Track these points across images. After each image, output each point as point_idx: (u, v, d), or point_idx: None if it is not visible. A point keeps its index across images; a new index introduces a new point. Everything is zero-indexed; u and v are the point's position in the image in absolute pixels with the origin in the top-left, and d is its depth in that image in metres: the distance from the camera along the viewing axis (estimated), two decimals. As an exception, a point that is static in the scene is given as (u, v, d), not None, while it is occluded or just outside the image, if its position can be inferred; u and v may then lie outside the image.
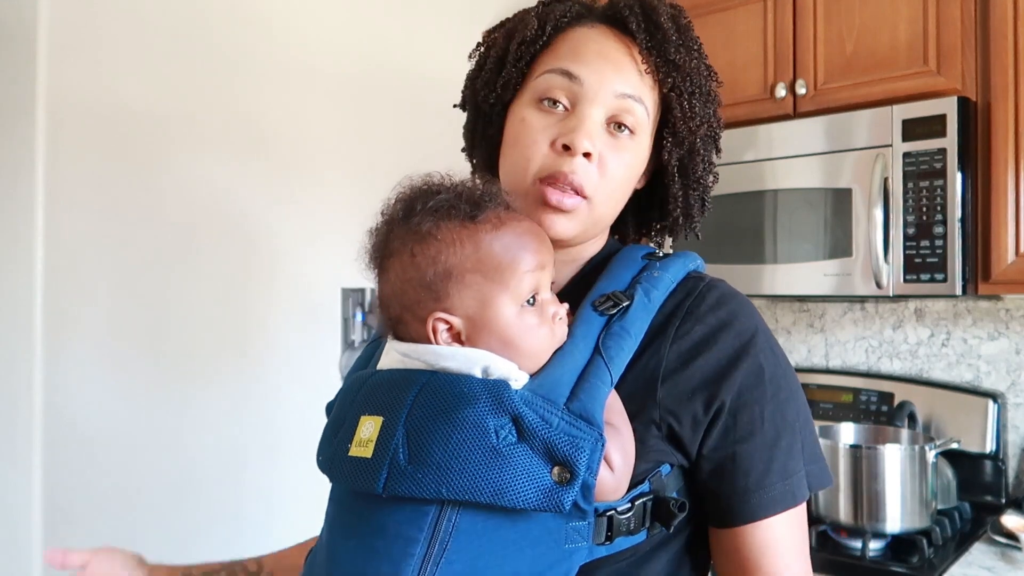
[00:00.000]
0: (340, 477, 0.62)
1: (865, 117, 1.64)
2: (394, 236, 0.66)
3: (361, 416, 0.61)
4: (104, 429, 1.56)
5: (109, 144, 1.57)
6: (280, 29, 1.85)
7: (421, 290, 0.63)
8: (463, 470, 0.56)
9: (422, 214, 0.64)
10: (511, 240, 0.64)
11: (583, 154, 0.68)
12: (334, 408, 0.68)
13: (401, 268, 0.64)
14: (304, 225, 1.87)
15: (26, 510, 1.48)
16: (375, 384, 0.63)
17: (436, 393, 0.59)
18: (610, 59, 0.70)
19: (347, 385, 0.68)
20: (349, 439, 0.61)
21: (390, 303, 0.66)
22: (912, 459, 1.48)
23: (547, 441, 0.57)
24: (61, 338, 1.51)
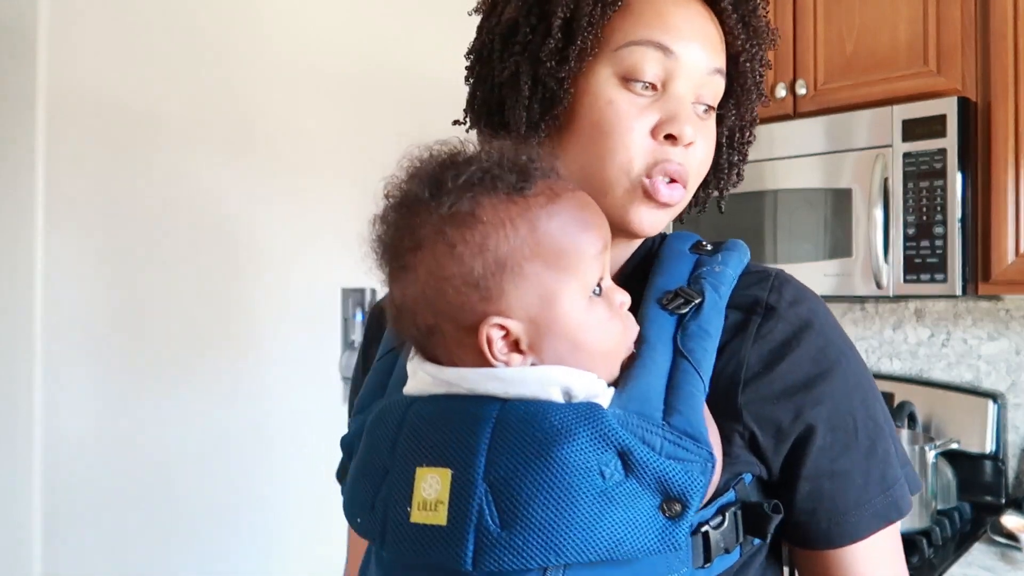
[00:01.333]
0: (402, 549, 0.48)
1: (865, 117, 1.64)
2: (419, 222, 0.51)
3: (416, 468, 0.49)
4: (104, 429, 1.56)
5: (109, 143, 1.57)
6: (280, 28, 1.85)
7: (466, 289, 0.50)
8: (572, 527, 0.45)
9: (457, 190, 0.50)
10: (572, 216, 0.52)
11: (686, 144, 0.61)
12: (362, 448, 0.54)
13: (435, 263, 0.50)
14: (304, 225, 1.87)
15: (26, 510, 1.47)
16: (422, 421, 0.51)
17: (517, 431, 0.47)
18: (699, 29, 0.62)
19: (376, 419, 0.54)
20: (406, 500, 0.48)
21: (418, 310, 0.52)
22: (912, 459, 1.48)
23: (658, 472, 0.48)
24: (61, 338, 1.50)
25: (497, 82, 0.64)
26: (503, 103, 0.65)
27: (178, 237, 1.67)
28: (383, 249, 0.54)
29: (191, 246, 1.69)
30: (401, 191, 0.54)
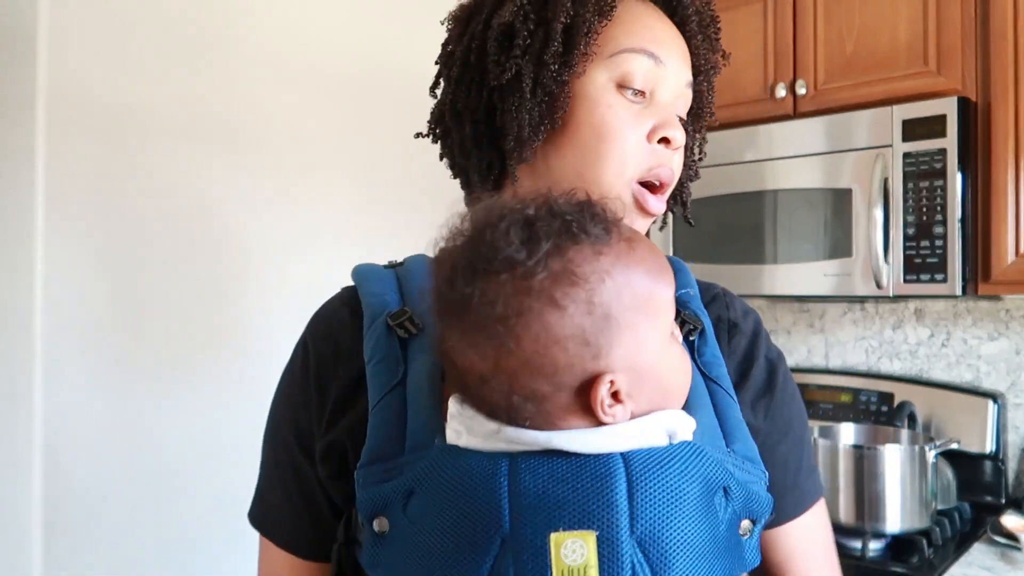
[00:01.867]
0: None
1: (865, 117, 1.64)
2: (516, 287, 0.47)
3: (551, 534, 0.44)
4: (104, 429, 1.56)
5: (109, 143, 1.57)
6: (280, 29, 1.85)
7: (577, 349, 0.47)
8: (714, 559, 0.47)
9: (549, 249, 0.47)
10: (651, 262, 0.51)
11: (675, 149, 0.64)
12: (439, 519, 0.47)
13: (542, 328, 0.47)
14: (304, 224, 1.87)
15: (26, 510, 1.47)
16: (542, 483, 0.46)
17: (659, 483, 0.46)
18: (678, 43, 0.66)
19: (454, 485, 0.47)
20: (543, 570, 0.44)
21: (517, 379, 0.48)
22: (912, 459, 1.48)
23: (745, 498, 0.51)
24: (61, 338, 1.51)
25: (493, 86, 0.64)
26: (493, 108, 0.66)
27: (178, 237, 1.67)
28: (466, 323, 0.48)
29: (191, 246, 1.69)
30: (479, 255, 0.48)
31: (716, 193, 1.84)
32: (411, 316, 0.59)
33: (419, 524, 0.48)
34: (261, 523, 0.67)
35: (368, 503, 0.50)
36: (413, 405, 0.54)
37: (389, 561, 0.49)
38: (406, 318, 0.59)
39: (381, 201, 1.97)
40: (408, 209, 1.89)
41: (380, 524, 0.50)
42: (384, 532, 0.50)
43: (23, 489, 1.48)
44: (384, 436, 0.53)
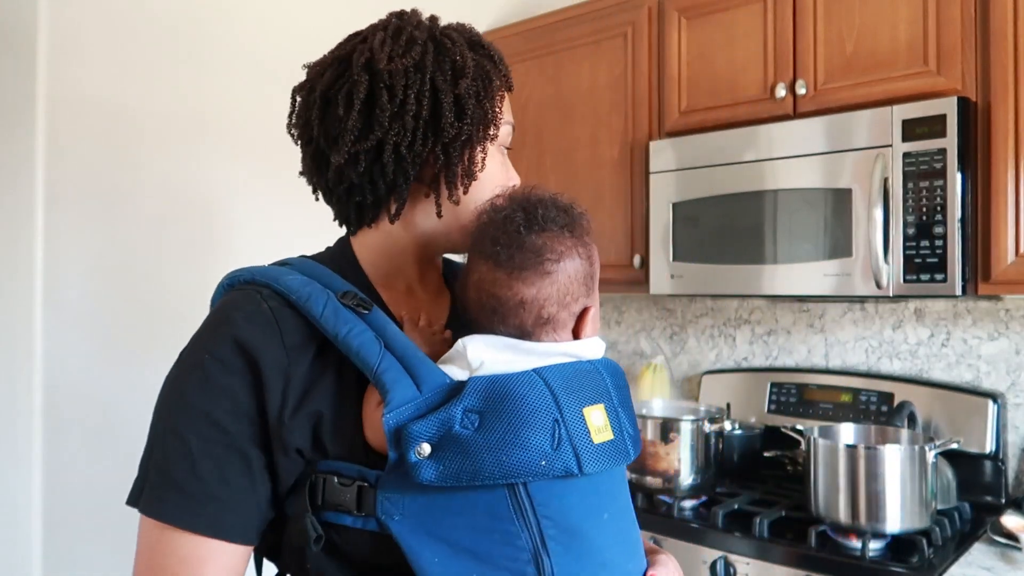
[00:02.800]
0: (597, 463, 0.68)
1: (865, 117, 1.64)
2: (560, 242, 0.73)
3: (583, 409, 0.69)
4: (105, 425, 1.56)
5: (108, 143, 1.57)
6: (280, 29, 1.85)
7: (582, 288, 0.74)
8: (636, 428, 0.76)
9: (581, 221, 0.75)
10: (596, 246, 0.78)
11: None
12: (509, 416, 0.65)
13: (572, 268, 0.73)
14: (303, 223, 1.87)
15: (26, 509, 1.47)
16: (566, 380, 0.70)
17: (619, 376, 0.76)
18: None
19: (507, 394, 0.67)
20: (585, 431, 0.68)
21: (548, 303, 0.72)
22: (912, 459, 1.48)
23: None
24: (61, 335, 1.51)
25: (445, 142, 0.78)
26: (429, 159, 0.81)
27: (178, 236, 1.67)
28: (526, 261, 0.71)
29: (191, 245, 1.69)
30: (545, 219, 0.73)
31: (716, 193, 1.84)
32: (356, 295, 0.72)
33: (485, 429, 0.65)
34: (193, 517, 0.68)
35: (418, 434, 0.64)
36: (412, 360, 0.68)
37: (451, 469, 0.64)
38: (354, 297, 0.72)
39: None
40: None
41: (425, 450, 0.64)
42: (429, 455, 0.64)
43: (23, 488, 1.48)
44: (404, 385, 0.67)
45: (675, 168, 1.92)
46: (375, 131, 0.74)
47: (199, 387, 0.70)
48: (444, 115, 0.75)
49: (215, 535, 0.68)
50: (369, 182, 0.76)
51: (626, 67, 2.08)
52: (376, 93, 0.74)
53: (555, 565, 0.65)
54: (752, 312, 2.23)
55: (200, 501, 0.68)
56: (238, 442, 0.69)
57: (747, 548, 1.55)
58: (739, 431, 2.00)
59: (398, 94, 0.74)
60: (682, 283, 1.91)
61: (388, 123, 0.74)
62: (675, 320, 2.39)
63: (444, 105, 0.75)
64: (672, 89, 1.99)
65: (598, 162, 2.14)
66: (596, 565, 0.69)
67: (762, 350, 2.21)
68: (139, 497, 0.71)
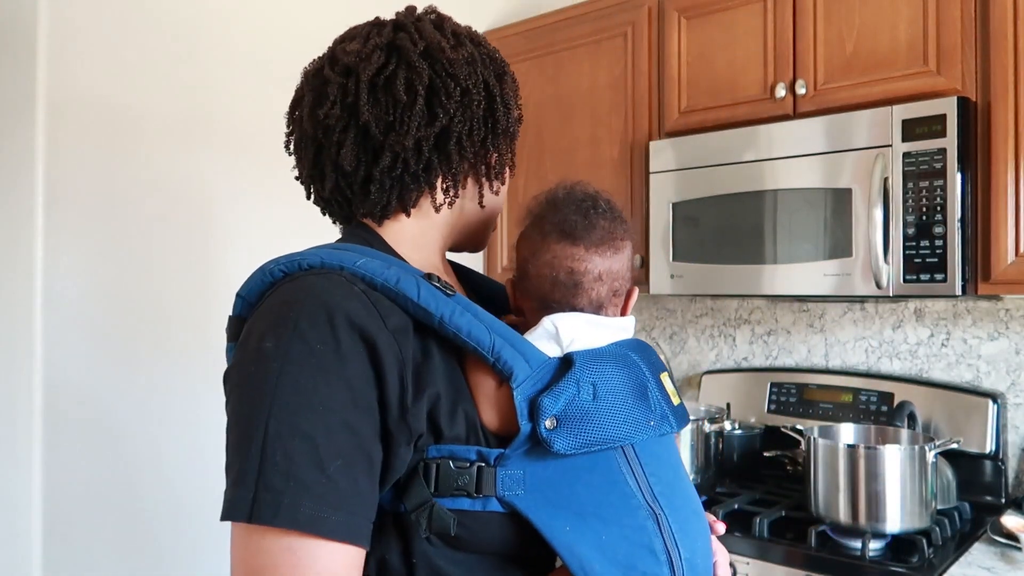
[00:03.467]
0: (679, 423, 0.77)
1: (865, 117, 1.64)
2: (619, 224, 0.81)
3: (660, 375, 0.78)
4: (104, 425, 1.56)
5: (108, 143, 1.57)
6: (279, 29, 1.85)
7: (628, 270, 0.82)
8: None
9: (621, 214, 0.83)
10: None
11: None
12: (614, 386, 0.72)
13: (629, 250, 0.82)
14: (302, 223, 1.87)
15: (26, 509, 1.48)
16: (638, 353, 0.78)
17: (652, 352, 0.82)
18: None
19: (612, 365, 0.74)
20: (665, 396, 0.76)
21: (617, 276, 0.80)
22: (912, 459, 1.48)
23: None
24: (61, 335, 1.51)
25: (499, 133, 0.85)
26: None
27: (177, 237, 1.67)
28: (602, 237, 0.79)
29: (189, 243, 1.69)
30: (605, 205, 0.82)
31: (716, 193, 1.84)
32: (439, 278, 0.74)
33: (602, 399, 0.71)
34: (324, 525, 0.61)
35: (548, 407, 0.68)
36: (512, 338, 0.71)
37: (582, 438, 0.68)
38: (438, 279, 0.73)
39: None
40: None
41: (552, 423, 0.67)
42: (555, 426, 0.67)
43: (23, 489, 1.48)
44: (521, 361, 0.70)
45: (675, 168, 1.92)
46: (440, 118, 0.76)
47: (317, 378, 0.63)
48: (497, 108, 0.80)
49: (353, 542, 0.62)
50: (424, 169, 0.78)
51: (626, 67, 2.08)
52: (438, 82, 0.77)
53: (668, 517, 0.71)
54: (752, 312, 2.23)
55: (336, 506, 0.61)
56: (363, 439, 0.64)
57: (747, 548, 1.55)
58: (739, 431, 2.00)
59: (461, 83, 0.77)
60: (682, 283, 1.91)
61: (453, 111, 0.77)
62: (675, 320, 2.39)
63: (496, 99, 0.80)
64: (672, 89, 1.99)
65: (598, 162, 2.14)
66: (690, 513, 0.76)
67: (762, 350, 2.21)
68: (254, 508, 0.61)
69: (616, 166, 2.10)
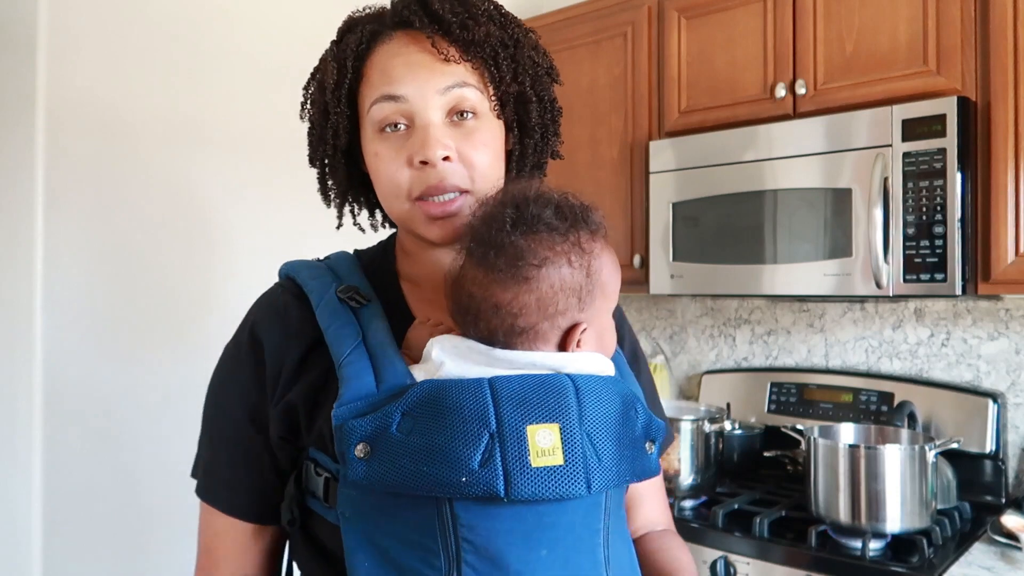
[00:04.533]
0: (530, 489, 0.59)
1: (865, 117, 1.64)
2: (547, 246, 0.65)
3: (527, 426, 0.60)
4: (104, 425, 1.56)
5: (108, 144, 1.57)
6: (277, 32, 1.85)
7: (571, 299, 0.66)
8: (632, 458, 0.65)
9: (571, 224, 0.67)
10: (616, 260, 0.71)
11: (443, 159, 0.72)
12: (435, 424, 0.61)
13: (557, 277, 0.65)
14: (302, 223, 1.87)
15: (26, 509, 1.47)
16: (516, 392, 0.62)
17: (596, 395, 0.64)
18: (417, 64, 0.73)
19: (443, 398, 0.62)
20: (524, 451, 0.59)
21: (524, 312, 0.65)
22: (912, 459, 1.48)
23: (647, 418, 0.69)
24: (60, 336, 1.51)
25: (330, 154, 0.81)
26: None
27: (175, 235, 1.67)
28: (500, 262, 0.65)
29: (189, 244, 1.69)
30: (533, 219, 0.66)
31: (716, 193, 1.84)
32: (358, 289, 0.73)
33: (415, 435, 0.61)
34: (210, 495, 0.76)
35: (355, 432, 0.62)
36: (381, 358, 0.67)
37: (377, 472, 0.61)
38: (354, 291, 0.73)
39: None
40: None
41: (364, 448, 0.61)
42: (367, 454, 0.61)
43: (23, 488, 1.48)
44: (361, 382, 0.65)
45: (675, 168, 1.92)
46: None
47: (218, 375, 0.78)
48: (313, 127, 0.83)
49: (232, 513, 0.75)
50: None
51: (626, 67, 2.08)
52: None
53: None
54: (752, 312, 2.23)
55: (219, 482, 0.76)
56: (242, 429, 0.74)
57: (747, 548, 1.55)
58: (739, 431, 2.00)
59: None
60: (682, 283, 1.91)
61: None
62: (675, 320, 2.39)
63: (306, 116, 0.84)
64: (672, 89, 1.99)
65: (598, 162, 2.14)
66: None
67: (762, 350, 2.21)
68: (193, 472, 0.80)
69: (616, 166, 2.10)
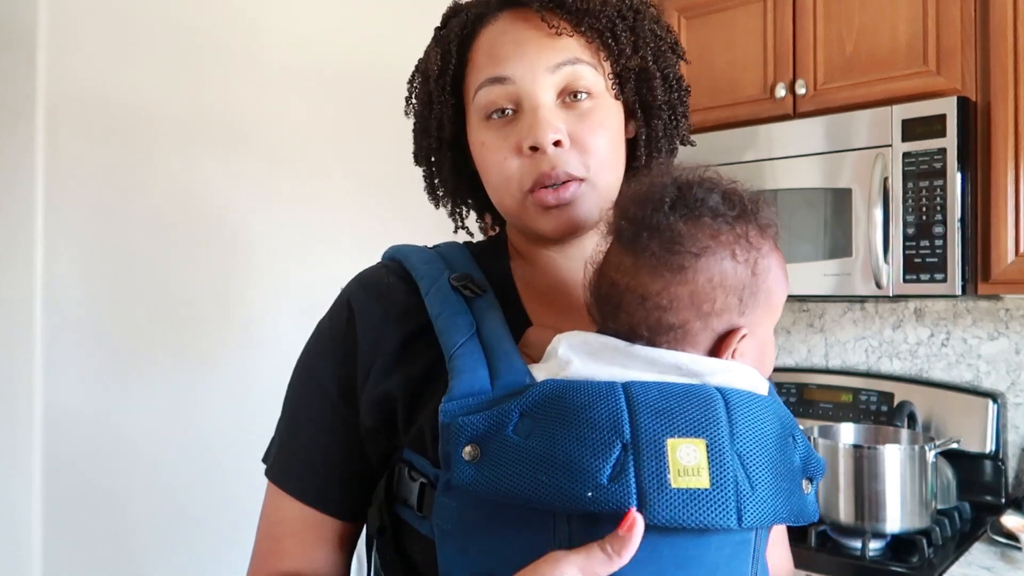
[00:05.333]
0: (668, 512, 0.49)
1: (865, 117, 1.64)
2: (704, 231, 0.57)
3: (667, 440, 0.51)
4: (104, 427, 1.56)
5: (109, 143, 1.57)
6: (279, 29, 1.85)
7: (731, 298, 0.57)
8: (789, 494, 0.54)
9: (740, 214, 0.58)
10: (785, 269, 0.62)
11: (553, 144, 0.65)
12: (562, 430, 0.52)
13: (717, 269, 0.56)
14: (302, 223, 1.87)
15: (26, 510, 1.47)
16: (656, 401, 0.53)
17: (750, 412, 0.54)
18: (526, 42, 0.67)
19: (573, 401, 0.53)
20: (663, 468, 0.50)
21: (674, 306, 0.56)
22: (912, 459, 1.48)
23: (806, 450, 0.59)
24: (61, 337, 1.51)
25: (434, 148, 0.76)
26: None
27: (177, 236, 1.67)
28: (653, 245, 0.57)
29: (190, 245, 1.69)
30: (688, 200, 0.58)
31: (716, 193, 1.84)
32: (472, 278, 0.68)
33: (534, 439, 0.52)
34: (282, 476, 0.70)
35: (465, 430, 0.54)
36: (497, 351, 0.60)
37: (487, 478, 0.52)
38: (468, 280, 0.67)
39: (383, 200, 1.97)
40: (409, 208, 1.89)
41: (473, 450, 0.53)
42: (476, 457, 0.53)
43: (23, 489, 1.48)
44: (475, 375, 0.58)
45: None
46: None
47: (307, 352, 0.72)
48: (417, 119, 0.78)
49: (303, 498, 0.68)
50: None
51: (626, 67, 2.08)
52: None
53: None
54: (752, 312, 2.23)
55: (296, 462, 0.69)
56: (332, 406, 0.68)
57: (747, 548, 1.55)
58: (739, 431, 1.99)
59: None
60: (682, 283, 1.91)
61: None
62: (675, 320, 2.39)
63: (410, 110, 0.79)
64: (672, 89, 1.99)
65: (598, 162, 2.14)
66: None
67: (762, 350, 2.21)
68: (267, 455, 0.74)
69: (616, 166, 2.10)
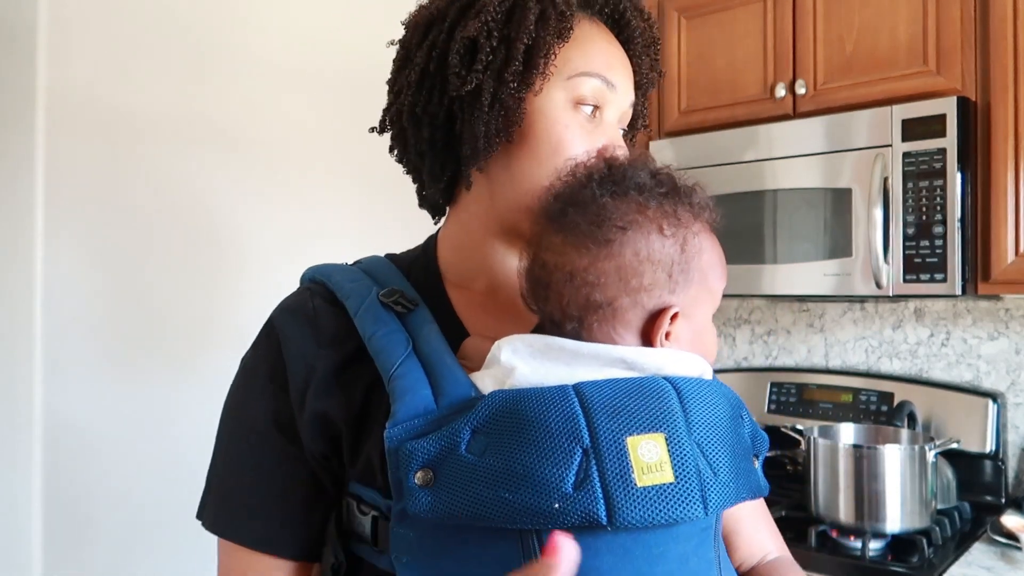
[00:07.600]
0: (637, 514, 0.49)
1: (865, 117, 1.64)
2: (631, 206, 0.57)
3: (625, 439, 0.50)
4: (104, 428, 1.56)
5: (108, 143, 1.57)
6: (278, 29, 1.85)
7: (660, 273, 0.56)
8: (747, 473, 0.56)
9: (669, 192, 0.58)
10: (722, 256, 0.62)
11: None
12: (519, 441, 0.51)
13: (644, 244, 0.56)
14: (301, 223, 1.87)
15: (26, 510, 1.47)
16: (609, 399, 0.52)
17: (702, 399, 0.55)
18: (626, 68, 0.71)
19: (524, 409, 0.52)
20: (624, 469, 0.49)
21: (600, 282, 0.55)
22: (912, 459, 1.48)
23: (752, 427, 0.60)
24: (61, 338, 1.51)
25: (453, 96, 0.67)
26: (452, 116, 0.69)
27: (177, 236, 1.67)
28: (580, 220, 0.56)
29: (190, 245, 1.69)
30: (618, 179, 0.58)
31: (716, 193, 1.83)
32: (403, 293, 0.66)
33: (490, 456, 0.51)
34: (230, 528, 0.64)
35: (415, 455, 0.52)
36: (438, 367, 0.58)
37: (445, 503, 0.51)
38: (399, 295, 0.65)
39: (378, 200, 1.97)
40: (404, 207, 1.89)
41: (425, 475, 0.51)
42: (429, 482, 0.51)
43: (23, 489, 1.48)
44: (417, 395, 0.56)
45: (675, 168, 1.91)
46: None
47: (234, 390, 0.69)
48: (451, 62, 0.66)
49: (260, 548, 0.63)
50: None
51: (626, 67, 2.08)
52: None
53: None
54: (752, 312, 2.23)
55: (241, 511, 0.64)
56: (269, 442, 0.64)
57: (747, 548, 1.55)
58: (739, 431, 1.99)
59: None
60: (682, 283, 1.91)
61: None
62: (675, 320, 2.39)
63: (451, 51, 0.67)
64: (672, 89, 1.99)
65: (598, 162, 2.14)
66: None
67: (762, 350, 2.21)
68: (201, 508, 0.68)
69: (616, 166, 2.10)
